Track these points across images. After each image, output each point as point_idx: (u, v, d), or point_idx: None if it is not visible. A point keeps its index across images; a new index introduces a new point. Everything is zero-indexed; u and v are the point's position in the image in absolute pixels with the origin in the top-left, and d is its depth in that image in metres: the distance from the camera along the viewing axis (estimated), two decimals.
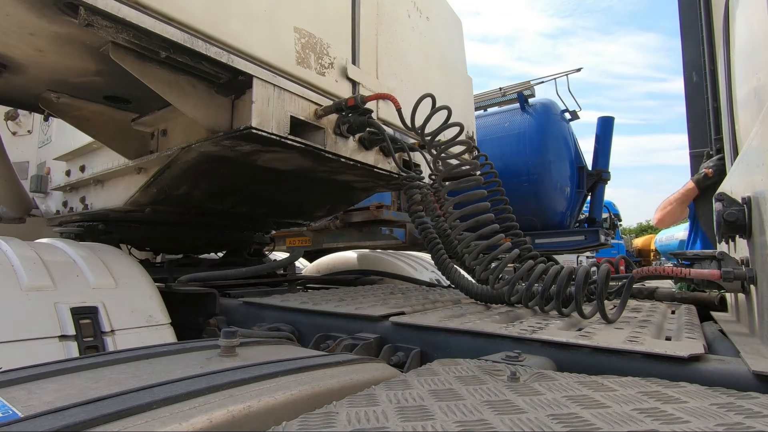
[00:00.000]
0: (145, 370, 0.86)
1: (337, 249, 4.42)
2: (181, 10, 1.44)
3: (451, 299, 1.95)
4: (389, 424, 0.61)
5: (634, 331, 1.22)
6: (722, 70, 2.26)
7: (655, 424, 0.60)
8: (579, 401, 0.70)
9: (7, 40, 1.56)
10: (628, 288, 1.43)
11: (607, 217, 7.93)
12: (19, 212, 2.88)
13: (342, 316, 1.56)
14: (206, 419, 0.65)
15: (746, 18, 1.54)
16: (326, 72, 1.98)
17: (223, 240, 3.04)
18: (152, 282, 1.87)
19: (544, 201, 6.27)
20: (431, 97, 2.05)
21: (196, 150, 1.88)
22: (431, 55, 2.77)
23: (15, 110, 3.24)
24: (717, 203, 1.34)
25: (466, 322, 1.35)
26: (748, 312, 1.38)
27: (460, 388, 0.76)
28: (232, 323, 1.87)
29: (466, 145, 2.05)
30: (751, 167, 1.24)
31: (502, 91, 7.06)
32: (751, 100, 1.44)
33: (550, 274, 1.50)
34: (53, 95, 2.03)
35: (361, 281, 3.18)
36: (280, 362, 0.90)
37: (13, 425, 0.59)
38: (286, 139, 1.78)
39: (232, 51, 1.60)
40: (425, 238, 1.98)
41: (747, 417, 0.63)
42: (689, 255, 1.58)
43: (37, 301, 1.47)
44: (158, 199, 2.22)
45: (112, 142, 2.23)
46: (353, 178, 2.48)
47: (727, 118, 2.08)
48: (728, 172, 1.88)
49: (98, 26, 1.31)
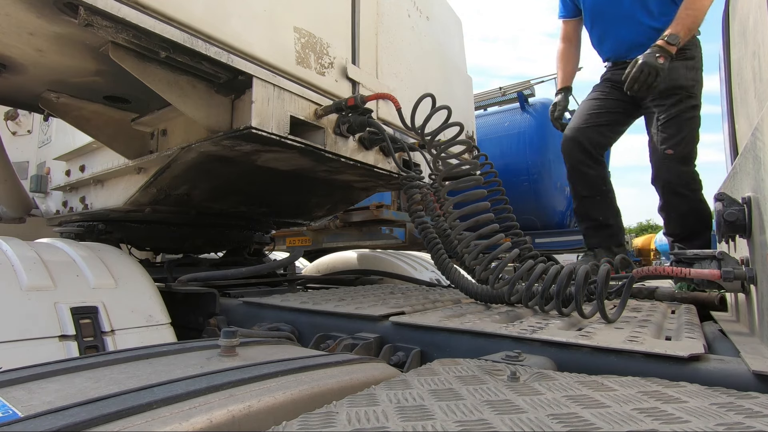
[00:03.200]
0: (145, 370, 0.86)
1: (337, 249, 4.41)
2: (181, 10, 1.44)
3: (451, 299, 1.95)
4: (389, 424, 0.61)
5: (634, 330, 1.22)
6: (722, 70, 2.27)
7: (655, 423, 0.60)
8: (579, 401, 0.70)
9: (6, 40, 1.56)
10: (628, 288, 1.43)
11: None
12: (19, 212, 2.88)
13: (342, 316, 1.56)
14: (206, 419, 0.65)
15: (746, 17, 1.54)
16: (326, 72, 1.98)
17: (223, 240, 3.04)
18: (152, 282, 1.87)
19: (543, 200, 6.27)
20: (431, 97, 2.05)
21: (196, 150, 1.88)
22: (431, 54, 2.77)
23: (15, 110, 3.24)
24: (717, 203, 1.34)
25: (466, 321, 1.35)
26: (748, 312, 1.38)
27: (460, 388, 0.76)
28: (232, 323, 1.87)
29: (466, 145, 2.05)
30: (751, 167, 1.24)
31: (502, 91, 7.06)
32: (751, 100, 1.44)
33: (550, 274, 1.50)
34: (53, 95, 2.03)
35: (361, 281, 3.18)
36: (280, 362, 0.90)
37: (13, 425, 0.59)
38: (286, 138, 1.78)
39: (232, 51, 1.60)
40: (425, 237, 1.98)
41: (747, 417, 0.63)
42: (689, 255, 1.58)
43: (37, 301, 1.47)
44: (158, 199, 2.22)
45: (112, 142, 2.23)
46: (353, 177, 2.48)
47: (727, 118, 2.08)
48: (728, 172, 1.88)
49: (98, 26, 1.31)
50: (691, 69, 2.60)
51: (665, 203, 2.64)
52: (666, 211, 2.65)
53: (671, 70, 2.51)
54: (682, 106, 2.56)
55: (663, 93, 2.58)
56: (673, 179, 2.56)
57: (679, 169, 2.54)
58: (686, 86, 2.57)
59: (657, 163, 2.61)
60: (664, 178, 2.59)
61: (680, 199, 2.57)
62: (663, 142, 2.57)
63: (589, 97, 2.98)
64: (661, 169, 2.60)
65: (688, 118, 2.56)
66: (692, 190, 2.55)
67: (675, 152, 2.52)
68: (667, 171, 2.57)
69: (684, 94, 2.57)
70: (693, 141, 2.56)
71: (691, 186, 2.55)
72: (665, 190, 2.61)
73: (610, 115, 2.84)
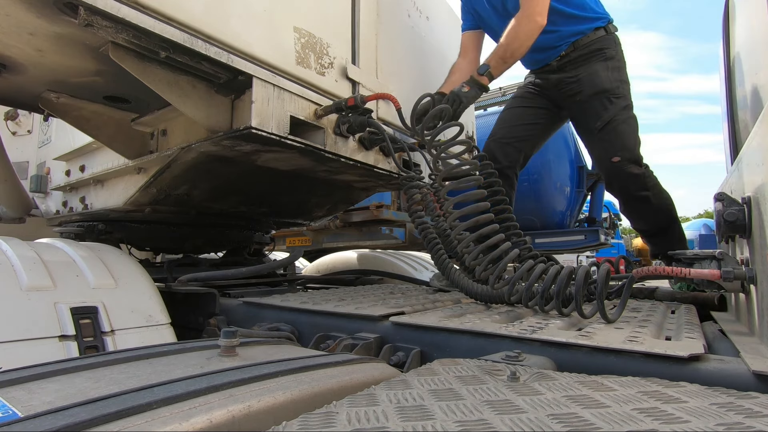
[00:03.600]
0: (145, 370, 0.86)
1: (337, 249, 4.41)
2: (181, 10, 1.44)
3: (451, 299, 1.95)
4: (389, 424, 0.61)
5: (634, 330, 1.22)
6: (722, 70, 2.26)
7: (655, 423, 0.60)
8: (579, 401, 0.70)
9: (6, 40, 1.56)
10: (628, 288, 1.43)
11: (607, 216, 7.91)
12: (19, 212, 2.88)
13: (342, 316, 1.56)
14: (206, 419, 0.65)
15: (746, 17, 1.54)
16: (326, 72, 1.98)
17: (223, 240, 3.04)
18: (152, 282, 1.87)
19: (544, 200, 6.26)
20: (431, 97, 2.05)
21: (196, 150, 1.88)
22: (431, 54, 2.77)
23: (15, 110, 3.24)
24: (717, 203, 1.34)
25: (466, 321, 1.35)
26: (748, 312, 1.38)
27: (460, 388, 0.76)
28: (232, 323, 1.87)
29: (466, 145, 2.05)
30: (751, 167, 1.24)
31: (502, 91, 7.05)
32: (751, 100, 1.44)
33: (550, 274, 1.50)
34: (53, 95, 2.03)
35: (361, 281, 3.18)
36: (280, 362, 0.90)
37: (13, 425, 0.59)
38: (286, 139, 1.78)
39: (232, 51, 1.60)
40: (425, 238, 1.98)
41: (747, 417, 0.63)
42: (689, 255, 1.58)
43: (37, 301, 1.47)
44: (158, 199, 2.22)
45: (112, 142, 2.23)
46: (353, 177, 2.48)
47: (727, 118, 2.08)
48: (728, 172, 1.88)
49: (98, 26, 1.31)
50: (614, 69, 2.47)
51: (627, 207, 2.57)
52: (628, 213, 2.59)
53: (592, 75, 2.42)
54: (613, 109, 2.43)
55: (588, 100, 2.47)
56: (629, 185, 2.44)
57: (630, 173, 2.41)
58: (610, 89, 2.44)
59: (606, 172, 2.50)
60: (619, 186, 2.49)
61: (640, 201, 2.47)
62: (606, 152, 2.46)
63: (511, 104, 2.83)
64: (613, 177, 2.49)
65: (623, 121, 2.43)
66: (650, 187, 2.44)
67: (621, 158, 2.40)
68: (619, 178, 2.45)
69: (611, 96, 2.44)
70: (635, 142, 2.44)
71: (647, 185, 2.44)
72: (623, 196, 2.53)
73: (527, 128, 2.71)
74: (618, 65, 2.49)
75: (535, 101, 2.73)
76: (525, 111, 2.74)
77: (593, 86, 2.44)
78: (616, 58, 2.50)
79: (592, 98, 2.46)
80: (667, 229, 2.52)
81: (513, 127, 2.72)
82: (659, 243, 2.57)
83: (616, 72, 2.47)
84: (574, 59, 2.52)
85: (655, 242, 2.61)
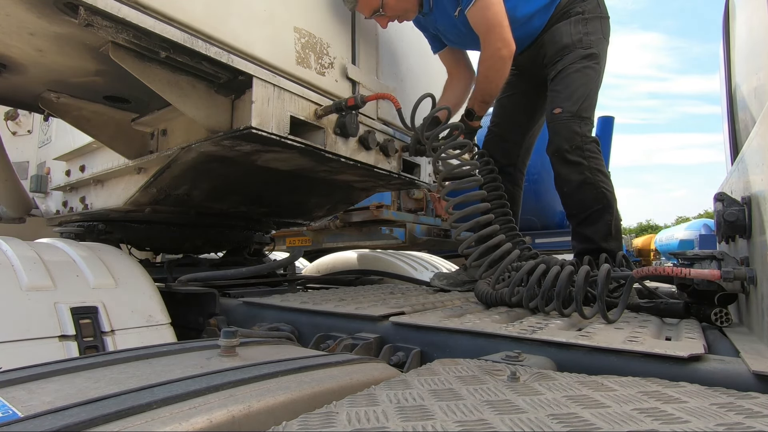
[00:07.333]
0: (145, 370, 0.86)
1: (337, 249, 4.42)
2: (181, 10, 1.44)
3: (451, 299, 1.95)
4: (389, 424, 0.61)
5: (634, 331, 1.22)
6: (722, 70, 2.26)
7: (655, 424, 0.60)
8: (579, 401, 0.70)
9: (7, 40, 1.56)
10: (628, 288, 1.42)
11: None
12: (19, 212, 2.88)
13: (342, 316, 1.56)
14: (206, 419, 0.65)
15: (746, 17, 1.54)
16: (326, 72, 1.98)
17: (223, 240, 3.04)
18: (152, 282, 1.87)
19: (543, 201, 6.27)
20: (431, 97, 2.05)
21: (196, 150, 1.88)
22: (431, 54, 2.77)
23: (15, 110, 3.24)
24: (717, 203, 1.34)
25: (465, 321, 1.35)
26: (748, 312, 1.38)
27: (460, 388, 0.76)
28: (232, 323, 1.87)
29: (466, 145, 2.05)
30: (751, 167, 1.24)
31: None
32: (751, 100, 1.44)
33: (551, 275, 1.50)
34: (53, 95, 2.03)
35: (361, 281, 3.18)
36: (280, 362, 0.90)
37: (13, 425, 0.59)
38: (286, 139, 1.78)
39: (232, 51, 1.60)
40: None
41: (747, 417, 0.63)
42: (689, 255, 1.58)
43: (37, 301, 1.47)
44: (158, 199, 2.22)
45: (112, 142, 2.23)
46: (353, 177, 2.48)
47: (728, 118, 2.08)
48: (728, 172, 1.88)
49: (98, 26, 1.31)
50: (578, 22, 2.21)
51: (556, 175, 2.21)
52: (558, 185, 2.22)
53: (552, 33, 2.23)
54: (570, 57, 2.18)
55: (550, 60, 2.26)
56: (563, 144, 2.10)
57: (569, 129, 2.09)
58: (572, 42, 2.19)
59: (549, 129, 2.20)
60: (554, 145, 2.15)
61: (571, 168, 2.11)
62: (551, 103, 2.19)
63: (501, 93, 2.52)
64: (552, 133, 2.18)
65: (577, 70, 2.15)
66: (586, 157, 2.09)
67: (563, 109, 2.11)
68: (556, 134, 2.14)
69: (573, 48, 2.19)
70: (586, 96, 2.13)
71: (585, 152, 2.09)
72: (555, 159, 2.17)
73: (514, 120, 2.58)
74: (586, 17, 2.22)
75: (517, 86, 2.57)
76: (509, 100, 2.60)
77: (554, 44, 2.24)
78: (587, 11, 2.23)
79: (553, 57, 2.25)
80: (597, 220, 2.11)
81: (503, 121, 2.63)
82: (584, 235, 2.16)
83: (580, 24, 2.21)
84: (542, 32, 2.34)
85: (580, 234, 2.19)
